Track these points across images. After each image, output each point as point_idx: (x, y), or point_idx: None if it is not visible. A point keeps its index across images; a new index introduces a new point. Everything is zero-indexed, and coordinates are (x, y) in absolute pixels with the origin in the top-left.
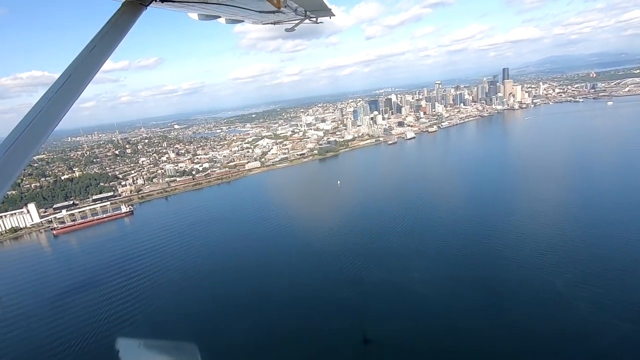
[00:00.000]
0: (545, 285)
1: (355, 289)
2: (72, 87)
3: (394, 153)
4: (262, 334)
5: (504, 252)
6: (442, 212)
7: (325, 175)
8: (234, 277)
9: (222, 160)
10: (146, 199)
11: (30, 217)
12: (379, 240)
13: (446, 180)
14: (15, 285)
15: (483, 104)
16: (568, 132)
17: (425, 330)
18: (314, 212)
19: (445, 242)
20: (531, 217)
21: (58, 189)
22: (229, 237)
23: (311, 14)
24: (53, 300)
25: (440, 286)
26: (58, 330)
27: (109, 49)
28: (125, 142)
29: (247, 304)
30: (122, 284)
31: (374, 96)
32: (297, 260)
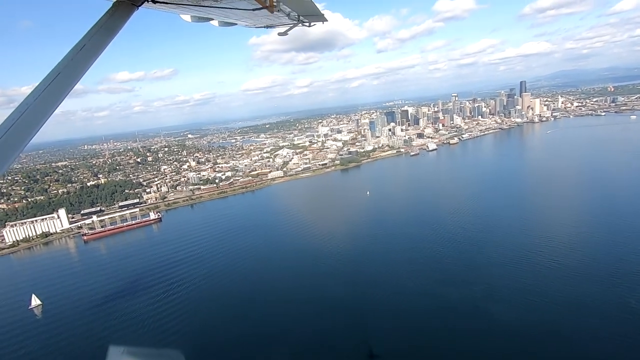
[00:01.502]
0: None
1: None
2: (61, 86)
3: (417, 164)
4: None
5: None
6: (486, 226)
7: (352, 185)
8: (274, 286)
9: (243, 169)
10: (172, 206)
11: (60, 222)
12: (429, 249)
13: (482, 193)
14: (54, 291)
15: (502, 117)
16: (599, 146)
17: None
18: (349, 221)
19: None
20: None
21: (85, 195)
22: (265, 245)
23: (304, 18)
24: (92, 307)
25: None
26: (99, 338)
27: (99, 48)
28: (146, 150)
29: (291, 315)
30: (159, 291)
31: (384, 108)
32: (348, 269)
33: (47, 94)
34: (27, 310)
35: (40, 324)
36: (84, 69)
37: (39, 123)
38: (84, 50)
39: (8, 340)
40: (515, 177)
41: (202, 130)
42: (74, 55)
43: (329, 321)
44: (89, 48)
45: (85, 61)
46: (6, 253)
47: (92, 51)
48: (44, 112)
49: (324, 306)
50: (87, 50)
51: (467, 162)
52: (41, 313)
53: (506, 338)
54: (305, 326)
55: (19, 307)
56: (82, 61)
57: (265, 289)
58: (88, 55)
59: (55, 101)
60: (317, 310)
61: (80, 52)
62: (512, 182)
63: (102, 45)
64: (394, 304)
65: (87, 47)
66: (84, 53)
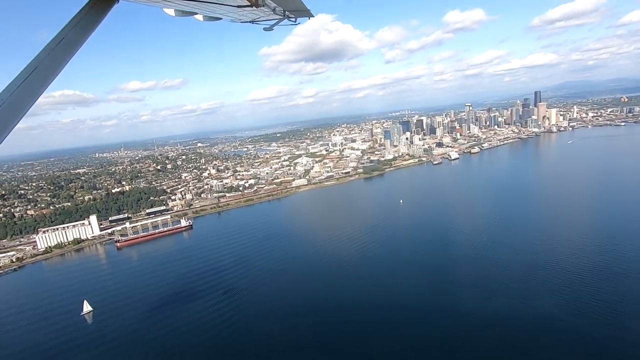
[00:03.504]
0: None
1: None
2: (38, 81)
3: (443, 173)
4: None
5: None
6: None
7: (381, 194)
8: (318, 297)
9: (265, 177)
10: (200, 213)
11: (91, 228)
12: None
13: (516, 200)
14: (101, 297)
15: (518, 127)
16: (631, 156)
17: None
18: (388, 228)
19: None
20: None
21: (111, 201)
22: (306, 253)
23: (290, 14)
24: (140, 313)
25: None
26: (152, 344)
27: (78, 42)
28: (164, 158)
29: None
30: (203, 297)
31: (390, 118)
32: (412, 274)
33: (23, 89)
34: (79, 316)
35: (91, 330)
36: (62, 62)
37: (15, 119)
38: (62, 44)
39: (66, 344)
40: (553, 188)
41: (210, 139)
42: (51, 49)
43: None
44: (67, 42)
45: (64, 55)
46: (40, 259)
47: (70, 45)
48: (21, 107)
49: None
50: (65, 44)
51: (496, 171)
52: (92, 319)
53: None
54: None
55: (71, 313)
56: (60, 55)
57: (316, 298)
58: (66, 49)
59: (33, 96)
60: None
61: (58, 46)
62: (551, 192)
63: (81, 39)
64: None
65: (65, 40)
66: (62, 47)
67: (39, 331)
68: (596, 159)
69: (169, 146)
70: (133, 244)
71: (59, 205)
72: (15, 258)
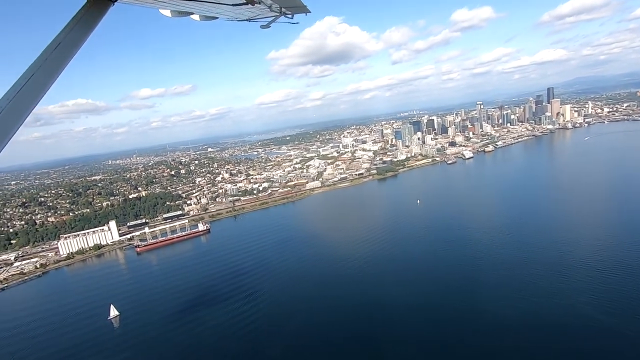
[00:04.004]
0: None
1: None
2: (36, 86)
3: (458, 173)
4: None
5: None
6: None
7: (397, 194)
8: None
9: (279, 180)
10: (216, 217)
11: (110, 234)
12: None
13: (536, 199)
14: (127, 301)
15: (532, 124)
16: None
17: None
18: (408, 229)
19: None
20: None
21: (128, 207)
22: (328, 255)
23: (286, 10)
24: (165, 317)
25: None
26: (180, 347)
27: (76, 46)
28: (177, 163)
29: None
30: (225, 301)
31: (398, 119)
32: (438, 273)
33: (22, 95)
34: (106, 320)
35: (119, 333)
36: (60, 66)
37: (14, 127)
38: (59, 48)
39: (96, 347)
40: (573, 186)
41: (220, 143)
42: (49, 54)
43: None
44: (65, 45)
45: (62, 59)
46: (63, 265)
47: (68, 49)
48: (20, 114)
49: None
50: (63, 48)
51: (513, 169)
52: (119, 323)
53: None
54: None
55: (97, 317)
56: (59, 59)
57: (340, 299)
58: (64, 53)
59: (32, 102)
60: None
61: (56, 50)
62: (572, 191)
63: (78, 43)
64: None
65: (63, 44)
66: (59, 51)
67: (68, 335)
68: (616, 155)
69: (179, 152)
70: (152, 249)
71: (78, 212)
72: (39, 264)
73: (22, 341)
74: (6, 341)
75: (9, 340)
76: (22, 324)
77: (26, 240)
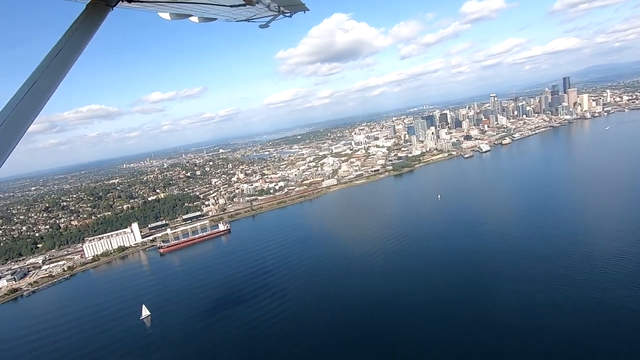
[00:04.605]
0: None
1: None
2: (39, 95)
3: (475, 166)
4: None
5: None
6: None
7: (415, 190)
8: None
9: (294, 178)
10: (235, 217)
11: (133, 236)
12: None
13: (562, 192)
14: (153, 302)
15: (548, 115)
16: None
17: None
18: (431, 224)
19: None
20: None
21: (148, 209)
22: (350, 252)
23: (285, 9)
24: (193, 316)
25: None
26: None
27: (76, 52)
28: (192, 165)
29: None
30: (252, 299)
31: (408, 114)
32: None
33: (24, 104)
34: (139, 320)
35: (151, 332)
36: (61, 74)
37: (17, 136)
38: (60, 56)
39: (132, 345)
40: (600, 177)
41: (231, 144)
42: (50, 61)
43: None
44: (65, 52)
45: (63, 66)
46: (89, 267)
47: (68, 55)
48: (22, 123)
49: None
50: (63, 55)
51: (533, 162)
52: (150, 322)
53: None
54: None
55: (128, 317)
56: (60, 66)
57: (367, 297)
58: (65, 60)
59: (36, 108)
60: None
61: (57, 58)
62: (599, 182)
63: (78, 49)
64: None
65: (64, 51)
66: (60, 58)
67: (104, 333)
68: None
69: (191, 154)
70: (175, 250)
71: (100, 215)
72: (67, 267)
73: (61, 340)
74: (46, 340)
75: (48, 339)
76: (58, 324)
77: (52, 243)
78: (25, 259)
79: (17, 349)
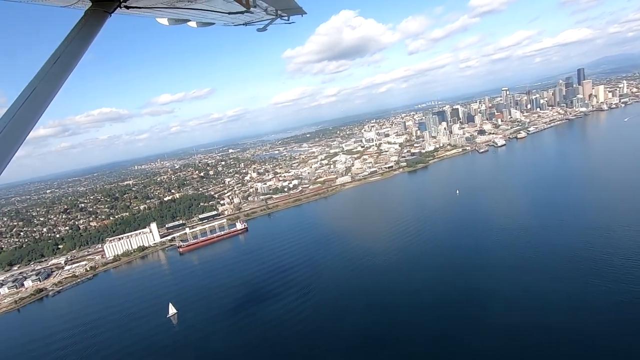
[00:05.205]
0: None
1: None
2: (37, 102)
3: (491, 161)
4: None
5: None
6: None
7: (431, 185)
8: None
9: (308, 177)
10: (251, 216)
11: (152, 236)
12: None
13: (588, 187)
14: (177, 300)
15: (563, 107)
16: None
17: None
18: (453, 219)
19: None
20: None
21: (164, 209)
22: (372, 248)
23: (282, 13)
24: (218, 314)
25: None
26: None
27: (75, 58)
28: (205, 165)
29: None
30: (275, 297)
31: (416, 110)
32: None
33: (24, 110)
34: (166, 318)
35: (178, 330)
36: (61, 79)
37: (18, 142)
38: (58, 63)
39: (162, 342)
40: (624, 170)
41: (239, 144)
42: (50, 67)
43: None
44: (63, 60)
45: (63, 72)
46: (110, 267)
47: (68, 61)
48: (23, 130)
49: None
50: (62, 61)
51: (553, 156)
52: (177, 320)
53: None
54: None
55: (155, 315)
56: (59, 72)
57: (392, 294)
58: (64, 66)
59: (34, 117)
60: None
61: (56, 64)
62: (626, 175)
63: (78, 55)
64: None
65: (63, 58)
66: (59, 64)
67: (133, 331)
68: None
69: (201, 154)
70: (194, 249)
71: (117, 216)
72: (89, 267)
73: (91, 337)
74: (77, 337)
75: (78, 337)
76: (85, 322)
77: (72, 244)
78: (47, 260)
79: (47, 347)
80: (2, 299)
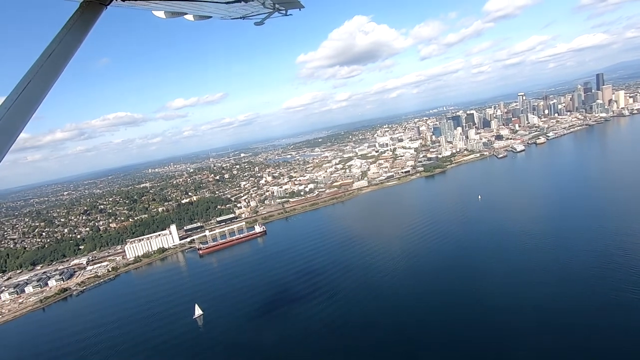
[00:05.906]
0: None
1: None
2: (34, 92)
3: (511, 166)
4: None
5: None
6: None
7: (452, 191)
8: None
9: (323, 181)
10: (268, 219)
11: (172, 238)
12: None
13: (615, 192)
14: (201, 302)
15: (582, 113)
16: None
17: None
18: (478, 224)
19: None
20: None
21: (182, 211)
22: (396, 252)
23: (280, 6)
24: (241, 315)
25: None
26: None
27: (71, 51)
28: (220, 168)
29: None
30: (299, 300)
31: (427, 116)
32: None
33: (19, 104)
34: (192, 319)
35: (204, 331)
36: (57, 73)
37: (13, 136)
38: (54, 55)
39: (189, 342)
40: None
41: (251, 148)
42: (45, 60)
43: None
44: (59, 51)
45: (58, 65)
46: (131, 268)
47: (63, 54)
48: (18, 123)
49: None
50: (58, 54)
51: (576, 162)
52: (203, 321)
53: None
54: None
55: (181, 315)
56: (54, 65)
57: (422, 299)
58: (60, 59)
59: (30, 110)
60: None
61: (51, 57)
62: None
63: (73, 48)
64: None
65: (58, 50)
66: (54, 57)
67: (160, 329)
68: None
69: (213, 158)
70: (213, 251)
71: (137, 218)
72: (111, 267)
73: (119, 336)
74: (104, 336)
75: (105, 335)
76: (112, 321)
77: (93, 245)
78: (69, 260)
79: (74, 345)
80: (28, 297)
